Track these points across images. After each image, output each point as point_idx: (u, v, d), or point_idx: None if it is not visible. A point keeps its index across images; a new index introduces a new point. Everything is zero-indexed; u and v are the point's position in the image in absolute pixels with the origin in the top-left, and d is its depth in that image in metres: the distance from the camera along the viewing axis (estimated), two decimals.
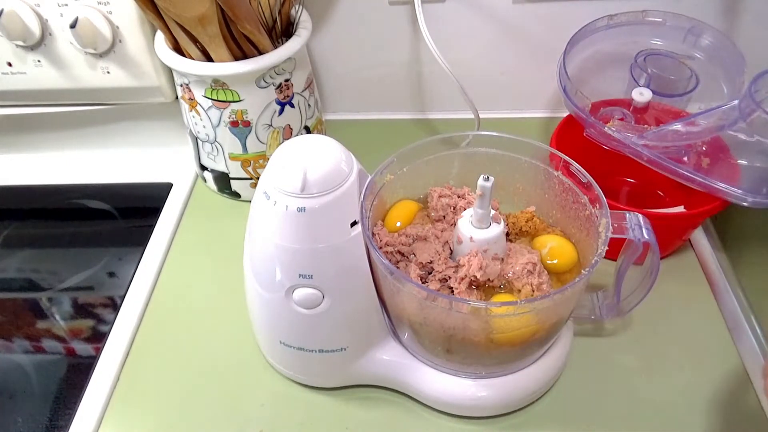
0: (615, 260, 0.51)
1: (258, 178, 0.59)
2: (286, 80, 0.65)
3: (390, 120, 0.84)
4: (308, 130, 0.72)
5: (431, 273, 0.49)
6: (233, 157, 0.69)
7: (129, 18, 0.65)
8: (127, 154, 0.81)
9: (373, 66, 0.80)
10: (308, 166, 0.42)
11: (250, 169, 0.70)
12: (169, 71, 0.70)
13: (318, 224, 0.43)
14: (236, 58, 0.61)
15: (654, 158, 0.55)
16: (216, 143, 0.68)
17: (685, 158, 0.57)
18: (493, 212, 0.47)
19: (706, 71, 0.63)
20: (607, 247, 0.44)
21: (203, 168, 0.73)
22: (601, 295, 0.55)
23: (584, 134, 0.59)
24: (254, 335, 0.57)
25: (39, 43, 0.68)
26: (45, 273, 0.69)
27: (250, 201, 0.47)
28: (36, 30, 0.66)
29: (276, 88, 0.65)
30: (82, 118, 0.78)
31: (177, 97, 0.70)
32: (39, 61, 0.69)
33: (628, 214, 0.47)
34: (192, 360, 0.58)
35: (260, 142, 0.67)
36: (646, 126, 0.59)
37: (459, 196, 0.53)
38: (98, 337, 0.61)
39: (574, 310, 0.51)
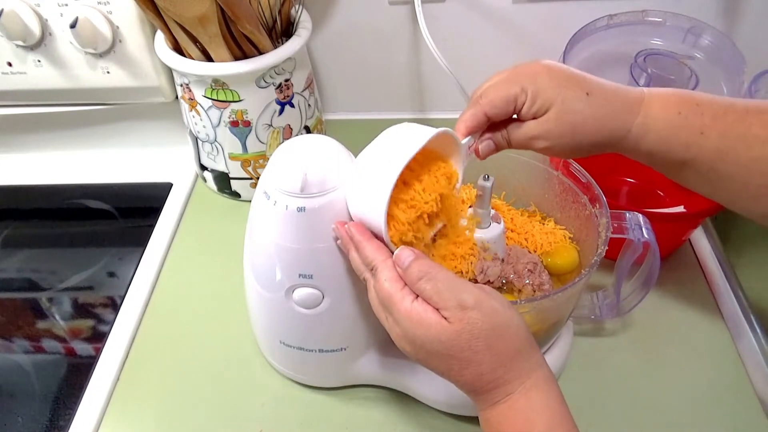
0: (615, 260, 0.51)
1: (258, 178, 0.59)
2: (286, 80, 0.65)
3: (390, 120, 0.82)
4: (308, 130, 0.72)
5: None
6: (233, 157, 0.69)
7: (129, 18, 0.65)
8: (127, 154, 0.81)
9: (373, 66, 0.80)
10: (308, 166, 0.42)
11: (250, 169, 0.70)
12: (169, 71, 0.70)
13: (318, 224, 0.43)
14: (236, 58, 0.61)
15: None
16: (216, 143, 0.68)
17: None
18: (493, 212, 0.47)
19: (706, 71, 0.63)
20: (607, 247, 0.44)
21: (203, 168, 0.73)
22: (601, 295, 0.55)
23: None
24: (254, 335, 0.57)
25: (39, 43, 0.68)
26: (45, 273, 0.69)
27: (250, 201, 0.47)
28: (36, 30, 0.66)
29: (276, 88, 0.65)
30: (82, 118, 0.78)
31: (177, 97, 0.71)
32: (39, 61, 0.69)
33: (628, 214, 0.47)
34: (192, 360, 0.58)
35: (260, 142, 0.67)
36: None
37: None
38: (98, 337, 0.61)
39: (574, 310, 0.51)
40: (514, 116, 0.43)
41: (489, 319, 0.35)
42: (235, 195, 0.73)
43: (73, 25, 0.62)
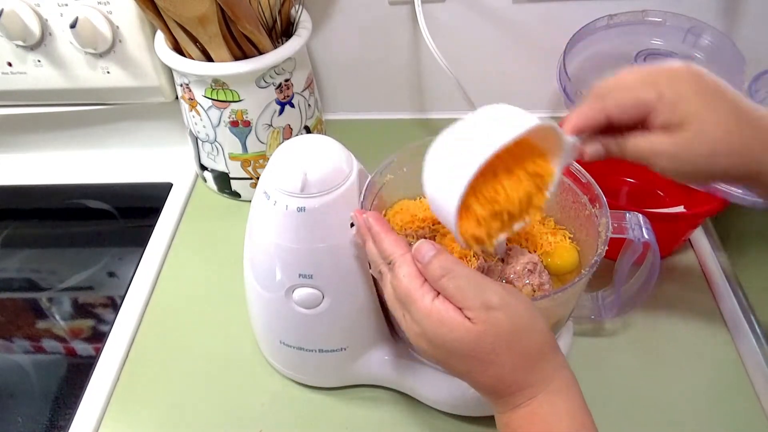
0: (615, 260, 0.51)
1: (258, 178, 0.59)
2: (286, 80, 0.65)
3: (390, 120, 0.84)
4: (308, 130, 0.72)
5: None
6: (233, 157, 0.69)
7: (129, 18, 0.65)
8: (127, 154, 0.81)
9: (373, 66, 0.80)
10: (308, 166, 0.42)
11: (250, 169, 0.70)
12: (169, 71, 0.70)
13: (318, 224, 0.43)
14: (236, 58, 0.61)
15: None
16: (216, 143, 0.68)
17: None
18: None
19: None
20: (607, 247, 0.44)
21: (203, 168, 0.73)
22: (601, 295, 0.55)
23: None
24: (254, 335, 0.57)
25: (39, 43, 0.68)
26: (45, 273, 0.69)
27: (250, 201, 0.47)
28: (36, 30, 0.66)
29: (276, 88, 0.65)
30: (82, 118, 0.78)
31: (177, 97, 0.71)
32: (39, 61, 0.69)
33: (628, 214, 0.47)
34: (192, 360, 0.58)
35: (260, 142, 0.67)
36: None
37: None
38: (98, 337, 0.61)
39: (574, 309, 0.51)
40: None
41: (513, 321, 0.34)
42: (235, 195, 0.73)
43: (73, 25, 0.62)
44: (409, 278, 0.36)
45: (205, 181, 0.75)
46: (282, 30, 0.67)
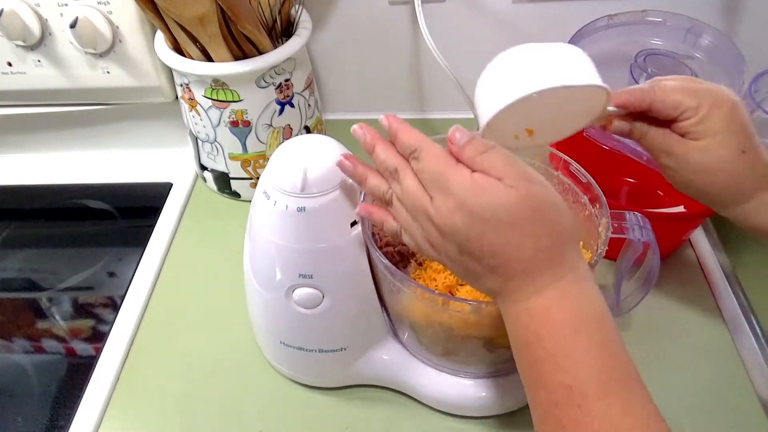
0: (615, 260, 0.51)
1: (258, 178, 0.59)
2: (286, 80, 0.65)
3: None
4: (308, 130, 0.72)
5: None
6: (233, 157, 0.69)
7: (129, 18, 0.65)
8: (127, 154, 0.81)
9: (373, 66, 0.80)
10: (308, 166, 0.42)
11: (250, 169, 0.70)
12: (169, 71, 0.70)
13: (318, 224, 0.43)
14: (236, 58, 0.61)
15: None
16: (216, 143, 0.68)
17: None
18: None
19: (706, 71, 0.62)
20: (607, 247, 0.44)
21: (203, 168, 0.73)
22: None
23: (584, 134, 0.59)
24: (254, 335, 0.57)
25: (39, 43, 0.68)
26: (45, 273, 0.69)
27: (250, 201, 0.47)
28: (36, 30, 0.66)
29: (276, 88, 0.65)
30: (82, 118, 0.78)
31: (177, 97, 0.71)
32: (39, 61, 0.69)
33: (628, 214, 0.47)
34: (192, 360, 0.58)
35: (260, 142, 0.67)
36: None
37: None
38: (98, 337, 0.61)
39: None
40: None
41: (551, 197, 0.35)
42: (235, 195, 0.73)
43: (73, 25, 0.62)
44: (443, 158, 0.36)
45: (205, 181, 0.75)
46: (282, 30, 0.67)
